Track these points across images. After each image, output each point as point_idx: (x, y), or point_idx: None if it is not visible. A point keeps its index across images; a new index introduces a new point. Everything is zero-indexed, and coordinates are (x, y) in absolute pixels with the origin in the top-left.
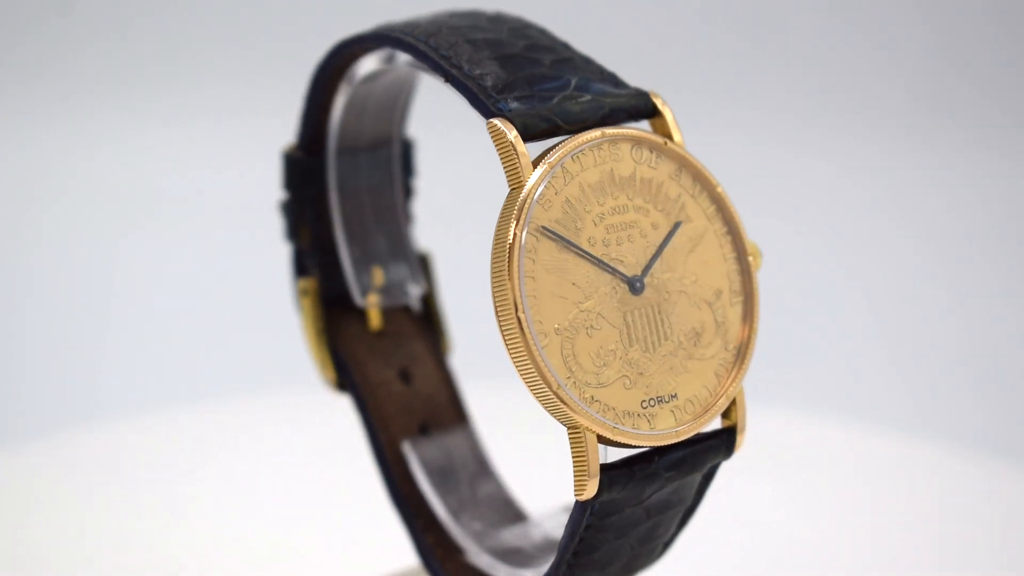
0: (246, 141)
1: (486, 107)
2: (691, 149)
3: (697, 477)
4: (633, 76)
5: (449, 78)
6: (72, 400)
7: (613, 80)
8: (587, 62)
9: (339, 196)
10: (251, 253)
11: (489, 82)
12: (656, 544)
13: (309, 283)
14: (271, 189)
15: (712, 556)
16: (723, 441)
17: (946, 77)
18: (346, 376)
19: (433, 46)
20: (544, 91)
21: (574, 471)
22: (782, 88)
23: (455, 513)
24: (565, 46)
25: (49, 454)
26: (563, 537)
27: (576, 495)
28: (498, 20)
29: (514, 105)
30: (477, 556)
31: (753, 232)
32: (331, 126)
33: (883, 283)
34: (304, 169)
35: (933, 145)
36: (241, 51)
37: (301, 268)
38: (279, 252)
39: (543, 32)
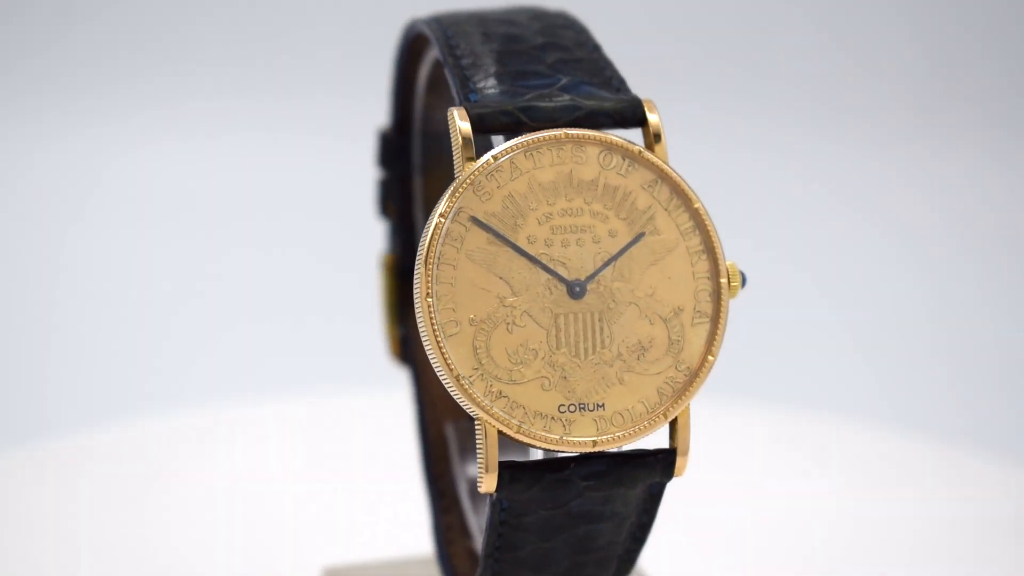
0: (248, 141)
1: (459, 96)
2: (687, 154)
3: (632, 492)
4: (634, 79)
5: (444, 65)
6: (72, 400)
7: (618, 85)
8: (602, 65)
9: (422, 178)
10: (252, 253)
11: (477, 74)
12: (604, 555)
13: (388, 259)
14: (272, 189)
15: (710, 555)
16: (661, 461)
17: (936, 85)
18: (408, 351)
19: (449, 35)
20: (523, 87)
21: (478, 463)
22: (775, 93)
23: (476, 499)
24: (594, 47)
25: (49, 453)
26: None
27: (478, 487)
28: (537, 17)
29: (484, 96)
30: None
31: (747, 232)
32: (416, 107)
33: (883, 281)
34: (389, 148)
35: (917, 149)
36: (248, 50)
37: (392, 244)
38: (280, 252)
39: (579, 32)
